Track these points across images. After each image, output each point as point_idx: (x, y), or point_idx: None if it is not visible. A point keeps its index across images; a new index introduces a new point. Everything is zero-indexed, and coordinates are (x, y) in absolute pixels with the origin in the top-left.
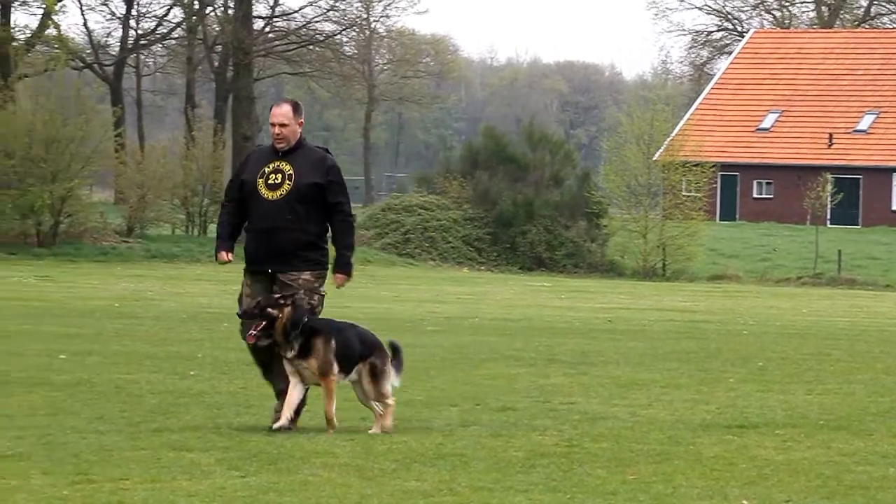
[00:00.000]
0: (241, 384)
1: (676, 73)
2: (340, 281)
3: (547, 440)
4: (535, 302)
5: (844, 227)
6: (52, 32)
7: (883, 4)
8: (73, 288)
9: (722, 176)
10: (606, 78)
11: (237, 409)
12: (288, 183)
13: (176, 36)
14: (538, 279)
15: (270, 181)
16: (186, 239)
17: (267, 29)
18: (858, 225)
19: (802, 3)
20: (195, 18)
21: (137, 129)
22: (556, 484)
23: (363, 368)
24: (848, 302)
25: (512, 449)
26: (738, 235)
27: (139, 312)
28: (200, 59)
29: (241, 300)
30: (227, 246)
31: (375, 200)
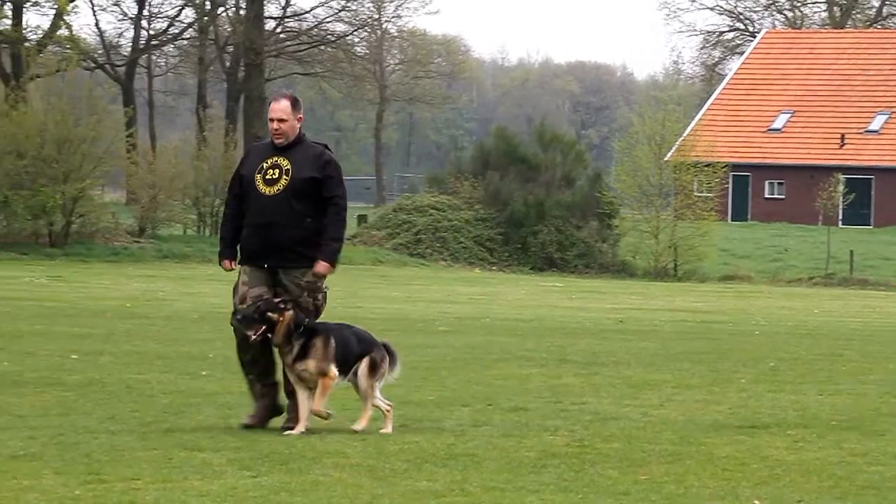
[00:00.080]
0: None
1: (688, 73)
2: (322, 269)
3: (558, 440)
4: (546, 302)
5: (856, 227)
6: (63, 33)
7: (895, 5)
8: (84, 288)
9: (733, 176)
10: (618, 78)
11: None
12: (285, 178)
13: (187, 36)
14: (549, 279)
15: (268, 176)
16: (198, 239)
17: (278, 29)
18: (870, 225)
19: (814, 3)
20: (207, 19)
21: (149, 129)
22: (567, 484)
23: (362, 363)
24: (860, 302)
25: (523, 449)
26: (749, 236)
27: (151, 312)
28: (212, 59)
29: (236, 289)
30: (229, 254)
31: (387, 201)
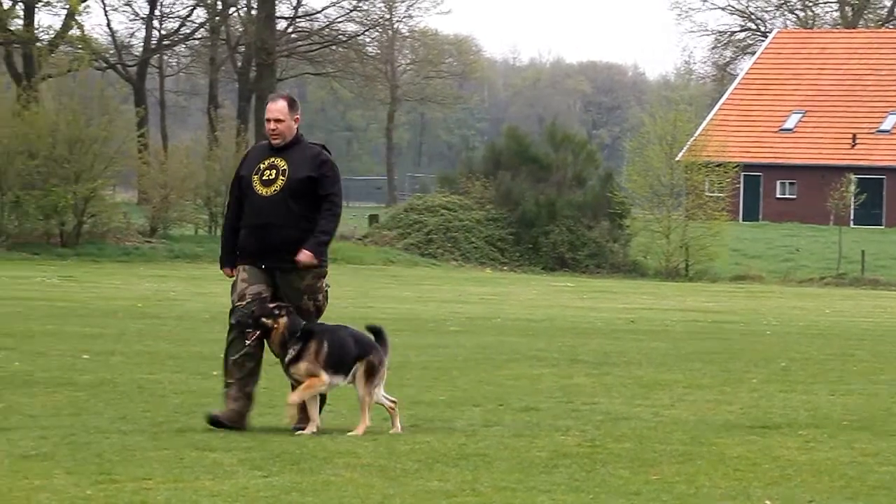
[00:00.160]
0: (263, 384)
1: (699, 73)
2: (303, 257)
3: (570, 440)
4: (557, 302)
5: (868, 227)
6: (75, 33)
7: None
8: (96, 288)
9: (745, 176)
10: (629, 78)
11: (260, 409)
12: (282, 179)
13: (199, 36)
14: (561, 279)
15: (265, 177)
16: (209, 239)
17: (290, 29)
18: (882, 225)
19: (826, 3)
20: (218, 19)
21: (160, 129)
22: (578, 484)
23: (360, 367)
24: (871, 302)
25: (535, 449)
26: (761, 236)
27: (162, 312)
28: (223, 59)
29: (234, 286)
30: (230, 261)
31: (398, 200)
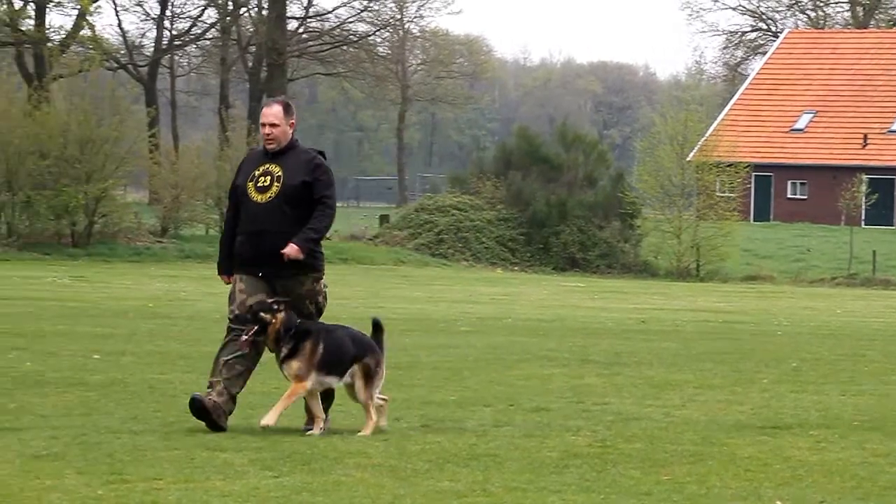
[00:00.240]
0: (274, 385)
1: (710, 73)
2: (290, 251)
3: (580, 441)
4: (568, 302)
5: (879, 227)
6: (86, 33)
7: None
8: (107, 288)
9: (756, 176)
10: (640, 78)
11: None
12: (277, 185)
13: (210, 36)
14: (571, 279)
15: (260, 184)
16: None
17: (301, 29)
18: (893, 225)
19: (837, 3)
20: (229, 19)
21: (171, 129)
22: (589, 484)
23: (357, 370)
24: (882, 303)
25: (545, 449)
26: (772, 236)
27: (173, 312)
28: (234, 59)
29: (232, 297)
30: (228, 267)
31: (409, 201)
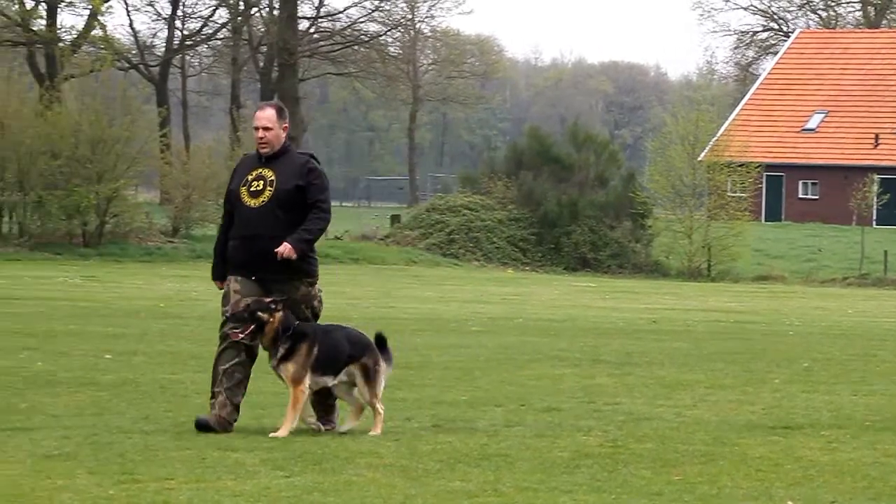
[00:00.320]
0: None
1: (722, 73)
2: (283, 249)
3: (591, 441)
4: (579, 302)
5: (891, 227)
6: (98, 33)
7: None
8: (118, 288)
9: (767, 176)
10: (651, 78)
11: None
12: (269, 189)
13: (221, 36)
14: (583, 280)
15: (253, 188)
16: None
17: (312, 29)
18: None
19: (848, 3)
20: (240, 19)
21: (183, 129)
22: (600, 485)
23: (355, 370)
24: (894, 303)
25: (557, 449)
26: (783, 236)
27: (184, 312)
28: (245, 59)
29: (226, 298)
30: (221, 274)
31: (420, 201)
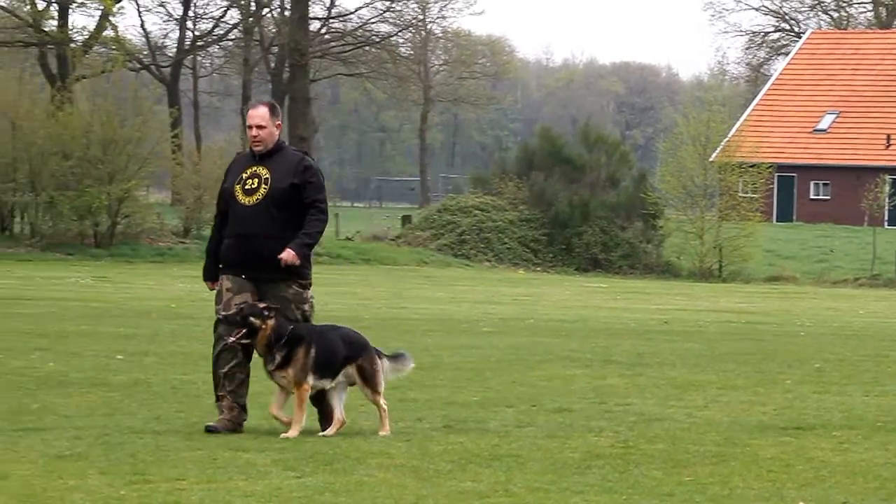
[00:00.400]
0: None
1: (733, 73)
2: (286, 255)
3: (603, 441)
4: (590, 303)
5: None
6: (109, 34)
7: None
8: (129, 289)
9: (779, 177)
10: (663, 79)
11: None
12: (264, 187)
13: (232, 37)
14: (594, 280)
15: (247, 186)
16: None
17: (323, 30)
18: None
19: (860, 3)
20: (252, 20)
21: (194, 130)
22: (611, 485)
23: (353, 371)
24: None
25: (568, 450)
26: (794, 237)
27: (195, 313)
28: (257, 60)
29: (219, 296)
30: (212, 274)
31: (431, 201)
